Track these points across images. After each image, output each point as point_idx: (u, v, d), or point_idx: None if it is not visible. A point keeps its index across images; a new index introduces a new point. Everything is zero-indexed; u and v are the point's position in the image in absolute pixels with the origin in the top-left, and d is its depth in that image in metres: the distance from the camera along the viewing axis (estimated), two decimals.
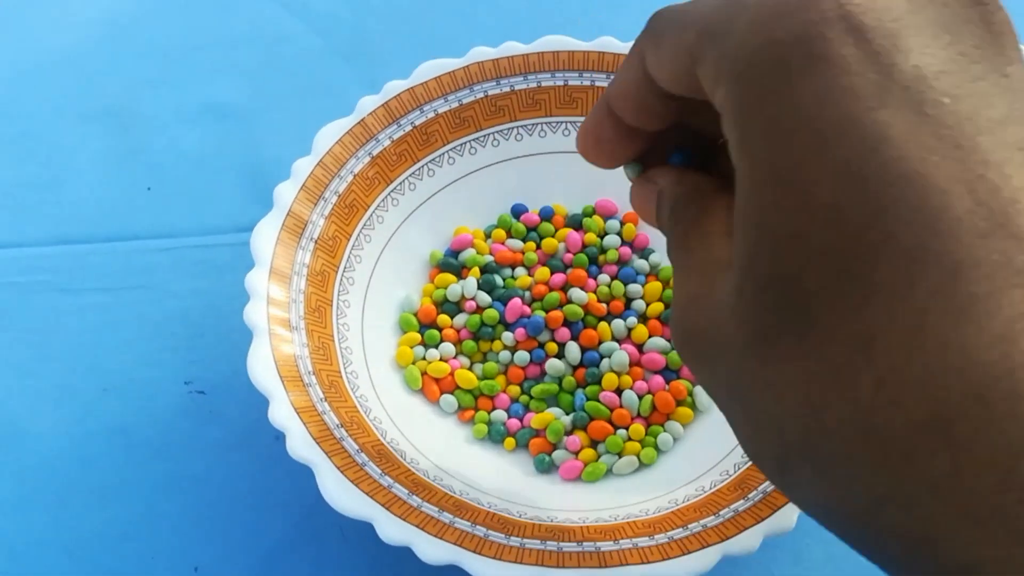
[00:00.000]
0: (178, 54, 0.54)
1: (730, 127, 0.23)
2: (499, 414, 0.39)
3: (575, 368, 0.40)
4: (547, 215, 0.44)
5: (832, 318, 0.20)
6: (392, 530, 0.30)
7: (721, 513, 0.32)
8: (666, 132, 0.29)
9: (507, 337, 0.40)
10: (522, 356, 0.39)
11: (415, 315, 0.41)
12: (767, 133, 0.21)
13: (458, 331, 0.41)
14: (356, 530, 0.37)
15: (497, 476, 0.37)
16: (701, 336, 0.24)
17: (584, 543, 0.31)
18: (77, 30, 0.55)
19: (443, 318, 0.41)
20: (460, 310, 0.41)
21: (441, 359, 0.40)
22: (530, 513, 0.34)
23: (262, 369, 0.33)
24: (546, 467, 0.37)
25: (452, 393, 0.39)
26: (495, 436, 0.38)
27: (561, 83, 0.44)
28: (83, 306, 0.44)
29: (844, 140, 0.20)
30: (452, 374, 0.39)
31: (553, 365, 0.39)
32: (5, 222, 0.47)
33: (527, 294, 0.41)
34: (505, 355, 0.40)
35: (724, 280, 0.23)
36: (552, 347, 0.40)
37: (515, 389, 0.39)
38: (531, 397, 0.39)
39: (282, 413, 0.32)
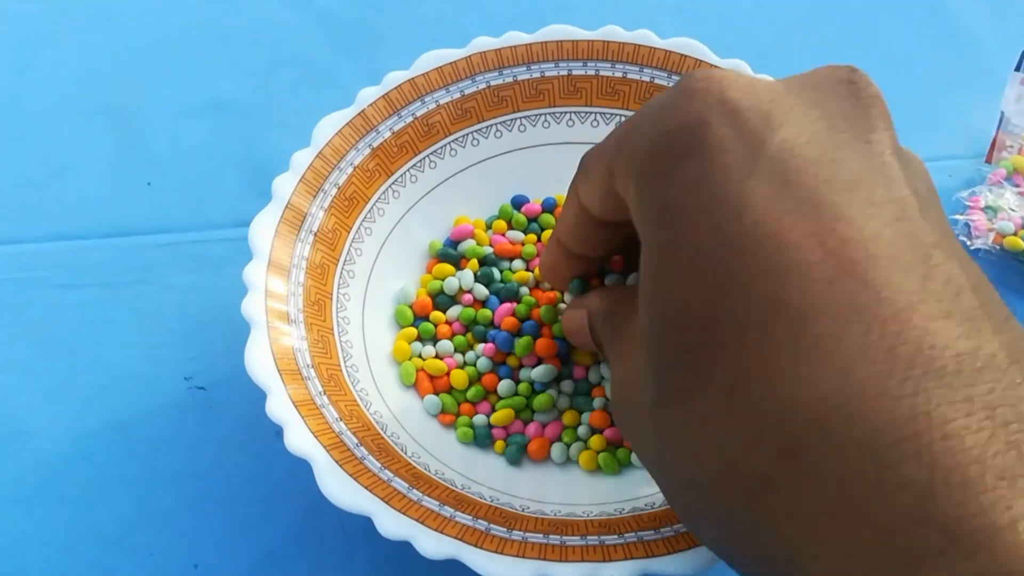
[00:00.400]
0: (178, 49, 0.53)
1: (635, 220, 0.26)
2: (482, 418, 0.38)
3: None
4: (549, 206, 0.43)
5: (704, 373, 0.22)
6: (391, 524, 0.30)
7: None
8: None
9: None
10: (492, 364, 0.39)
11: (411, 307, 0.40)
12: (657, 213, 0.25)
13: (451, 324, 0.40)
14: (357, 526, 0.36)
15: (498, 471, 0.36)
16: (629, 412, 0.28)
17: (588, 537, 0.30)
18: (77, 26, 0.54)
19: (437, 314, 0.40)
20: (455, 302, 0.40)
21: (437, 356, 0.39)
22: (533, 507, 0.33)
23: (260, 362, 0.33)
24: (516, 458, 0.37)
25: (440, 394, 0.38)
26: (481, 440, 0.37)
27: (565, 73, 0.43)
28: (82, 302, 0.43)
29: (715, 210, 0.23)
30: (448, 373, 0.39)
31: (506, 386, 0.38)
32: (4, 218, 0.46)
33: (526, 291, 0.40)
34: (483, 362, 0.39)
35: (638, 360, 0.26)
36: (515, 362, 0.39)
37: (495, 397, 0.39)
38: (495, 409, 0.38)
39: (280, 406, 0.32)
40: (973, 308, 0.21)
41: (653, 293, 0.25)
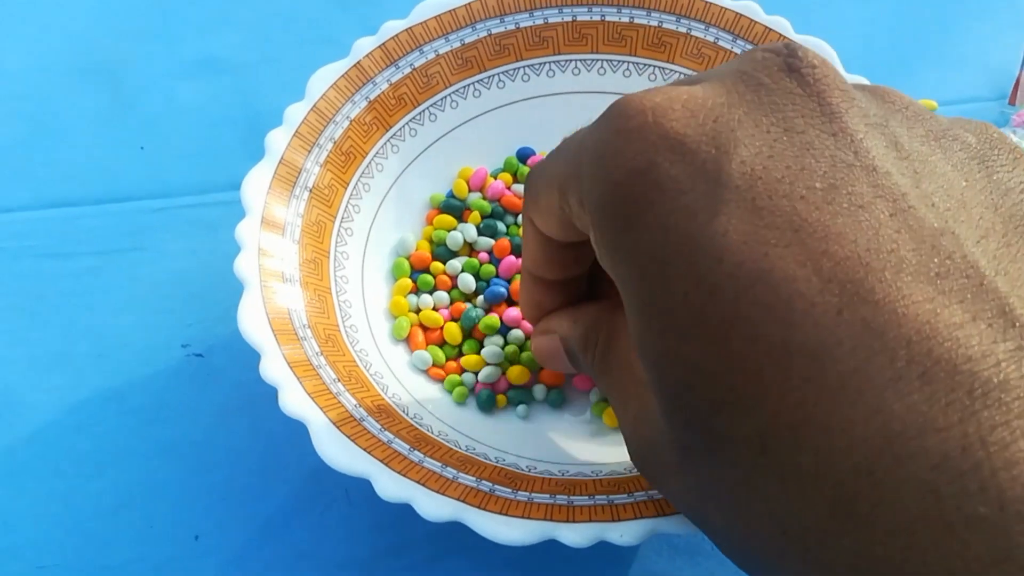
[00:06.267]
0: (171, 6, 0.52)
1: (606, 268, 0.24)
2: (470, 377, 0.37)
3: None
4: None
5: (730, 429, 0.20)
6: (391, 487, 0.28)
7: None
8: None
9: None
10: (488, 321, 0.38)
11: (408, 259, 0.39)
12: (629, 268, 0.22)
13: (452, 278, 0.39)
14: (362, 492, 0.35)
15: (503, 430, 0.35)
16: (649, 456, 0.25)
17: (596, 496, 0.29)
18: None
19: (436, 265, 0.39)
20: (454, 255, 0.39)
21: (434, 308, 0.38)
22: (540, 467, 0.32)
23: (253, 323, 0.32)
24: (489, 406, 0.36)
25: (431, 348, 0.37)
26: (484, 406, 0.36)
27: (569, 19, 0.41)
28: (75, 270, 0.42)
29: (691, 259, 0.21)
30: (442, 328, 0.38)
31: (491, 344, 0.37)
32: None
33: None
34: (478, 312, 0.38)
35: (653, 401, 0.24)
36: (492, 320, 0.37)
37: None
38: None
39: (274, 368, 0.31)
40: (1000, 295, 0.19)
41: (650, 354, 0.22)
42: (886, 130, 0.22)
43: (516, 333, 0.37)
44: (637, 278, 0.22)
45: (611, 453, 0.34)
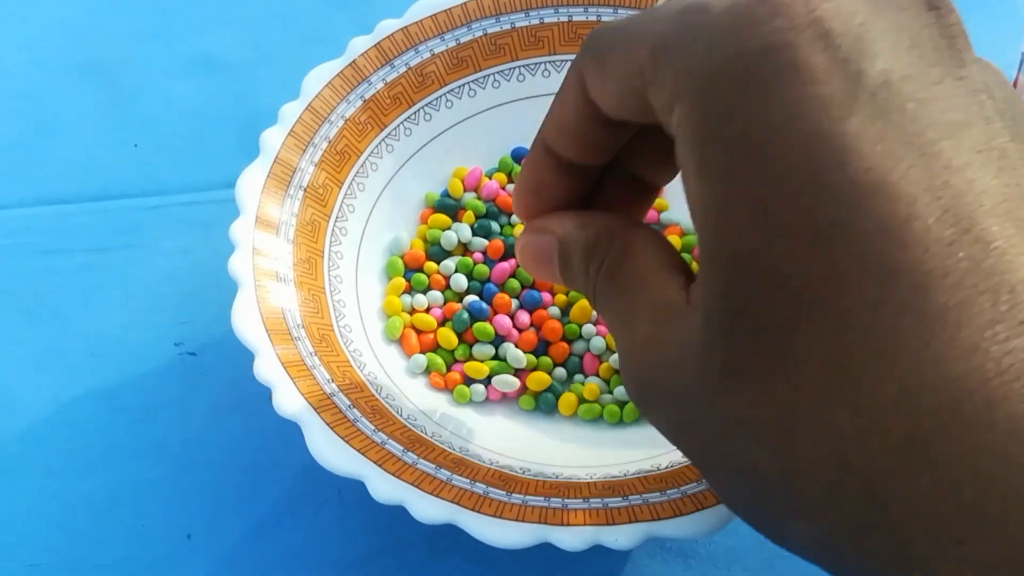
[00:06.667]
0: (169, 5, 0.52)
1: (686, 152, 0.22)
2: (479, 388, 0.37)
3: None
4: None
5: (804, 345, 0.19)
6: (385, 488, 0.28)
7: None
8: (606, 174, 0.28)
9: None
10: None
11: (403, 258, 0.39)
12: (734, 151, 0.21)
13: (446, 277, 0.39)
14: (354, 492, 0.35)
15: (498, 432, 0.35)
16: (660, 382, 0.23)
17: (591, 499, 0.29)
18: None
19: (430, 265, 0.39)
20: (449, 255, 0.39)
21: (427, 308, 0.38)
22: (534, 469, 0.32)
23: (247, 322, 0.31)
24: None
25: (429, 355, 0.37)
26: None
27: (565, 19, 0.41)
28: (69, 268, 0.42)
29: (814, 152, 0.19)
30: (435, 331, 0.37)
31: (480, 349, 0.37)
32: None
33: None
34: (464, 317, 0.38)
35: (681, 320, 0.23)
36: (486, 328, 0.37)
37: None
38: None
39: (268, 367, 0.31)
40: None
41: (723, 256, 0.21)
42: (994, 93, 0.21)
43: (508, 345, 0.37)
44: (729, 167, 0.21)
45: (604, 456, 0.34)
